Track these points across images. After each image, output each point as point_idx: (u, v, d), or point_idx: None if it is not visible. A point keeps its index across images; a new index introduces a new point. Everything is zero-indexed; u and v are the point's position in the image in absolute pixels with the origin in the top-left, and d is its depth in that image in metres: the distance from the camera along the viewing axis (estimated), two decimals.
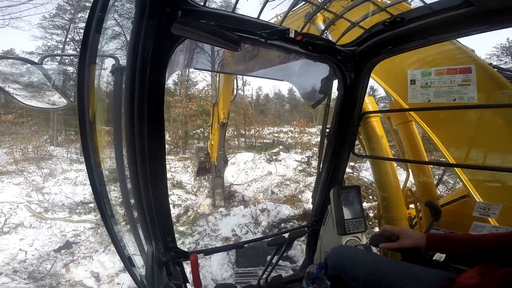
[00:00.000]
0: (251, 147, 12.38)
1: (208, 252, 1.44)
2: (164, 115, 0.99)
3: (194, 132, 12.67)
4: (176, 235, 5.21)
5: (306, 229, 1.66)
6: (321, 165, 1.65)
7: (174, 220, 5.87)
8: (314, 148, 10.24)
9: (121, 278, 3.61)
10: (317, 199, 1.67)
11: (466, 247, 0.99)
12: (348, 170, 7.80)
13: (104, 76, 1.03)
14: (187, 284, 1.18)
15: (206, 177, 7.85)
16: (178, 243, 5.02)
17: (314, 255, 1.70)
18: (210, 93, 13.59)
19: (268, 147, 12.02)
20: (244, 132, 14.15)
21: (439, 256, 1.22)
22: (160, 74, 0.92)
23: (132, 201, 1.09)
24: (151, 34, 0.85)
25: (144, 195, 1.02)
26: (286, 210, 5.92)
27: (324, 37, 1.65)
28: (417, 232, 1.15)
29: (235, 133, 13.80)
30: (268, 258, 1.44)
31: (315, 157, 9.07)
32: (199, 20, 0.91)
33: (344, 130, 1.52)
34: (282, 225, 5.30)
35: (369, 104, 2.07)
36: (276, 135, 14.57)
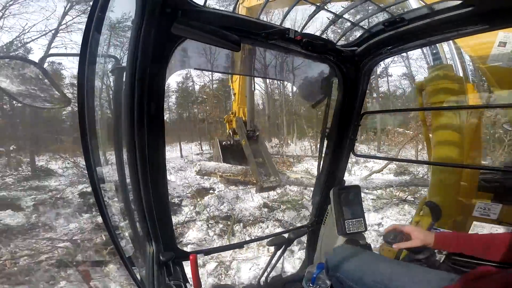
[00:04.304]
0: None
1: (208, 252, 1.44)
2: (164, 115, 0.99)
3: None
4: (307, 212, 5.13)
5: (306, 229, 1.66)
6: (321, 165, 1.65)
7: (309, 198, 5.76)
8: None
9: None
10: (317, 199, 1.67)
11: (476, 246, 0.98)
12: None
13: (104, 76, 1.03)
14: (187, 284, 1.18)
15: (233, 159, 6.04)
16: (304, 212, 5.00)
17: (314, 255, 1.71)
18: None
19: None
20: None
21: (439, 257, 1.23)
22: (160, 74, 0.92)
23: (132, 201, 1.09)
24: (151, 34, 0.85)
25: (144, 195, 1.02)
26: None
27: (324, 37, 1.65)
28: (426, 231, 1.15)
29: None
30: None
31: None
32: (199, 20, 0.91)
33: (344, 130, 1.52)
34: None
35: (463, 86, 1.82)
36: None
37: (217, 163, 6.44)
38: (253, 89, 5.09)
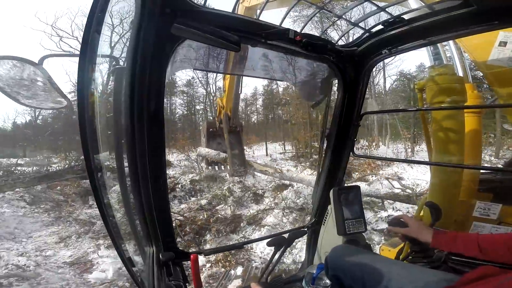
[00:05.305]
0: None
1: (208, 252, 1.44)
2: (164, 116, 0.99)
3: None
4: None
5: (306, 229, 1.66)
6: (321, 165, 1.65)
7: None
8: None
9: None
10: (317, 199, 1.67)
11: (473, 248, 0.98)
12: None
13: (104, 76, 1.03)
14: (187, 285, 1.18)
15: (219, 145, 7.25)
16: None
17: (314, 256, 1.71)
18: None
19: None
20: None
21: (440, 256, 1.23)
22: (160, 75, 0.92)
23: (132, 201, 1.09)
24: (151, 34, 0.85)
25: (144, 195, 1.02)
26: None
27: (324, 37, 1.65)
28: (426, 226, 1.16)
29: None
30: None
31: None
32: (199, 21, 0.91)
33: (344, 130, 1.52)
34: None
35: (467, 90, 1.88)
36: None
37: (208, 149, 7.80)
38: (239, 91, 5.90)
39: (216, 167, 7.88)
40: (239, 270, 3.59)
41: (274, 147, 19.89)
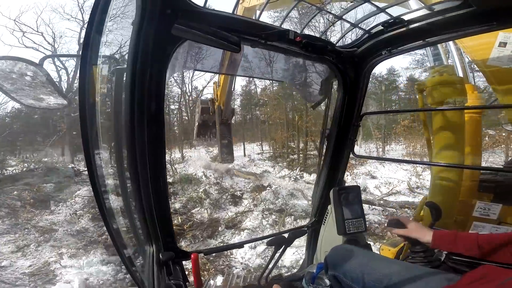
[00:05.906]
0: None
1: (208, 252, 1.44)
2: (164, 116, 1.00)
3: None
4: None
5: (306, 229, 1.66)
6: (321, 165, 1.65)
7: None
8: None
9: None
10: (317, 199, 1.68)
11: (473, 248, 0.98)
12: None
13: (105, 77, 1.03)
14: (187, 284, 1.18)
15: (211, 130, 7.43)
16: None
17: (314, 255, 1.71)
18: None
19: None
20: None
21: (439, 256, 1.23)
22: (161, 75, 0.92)
23: (132, 201, 1.10)
24: (152, 35, 0.85)
25: (144, 195, 1.02)
26: None
27: (324, 38, 1.66)
28: (424, 227, 1.17)
29: None
30: None
31: None
32: (199, 22, 0.91)
33: (344, 131, 1.52)
34: None
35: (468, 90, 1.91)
36: None
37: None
38: (232, 89, 6.47)
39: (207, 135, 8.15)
40: (219, 279, 3.25)
41: (252, 147, 19.48)
